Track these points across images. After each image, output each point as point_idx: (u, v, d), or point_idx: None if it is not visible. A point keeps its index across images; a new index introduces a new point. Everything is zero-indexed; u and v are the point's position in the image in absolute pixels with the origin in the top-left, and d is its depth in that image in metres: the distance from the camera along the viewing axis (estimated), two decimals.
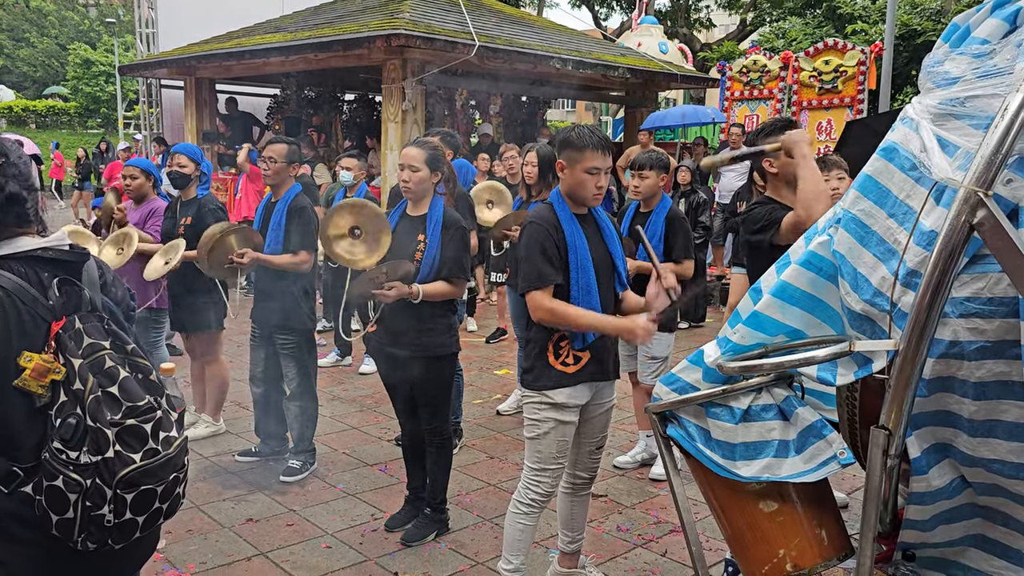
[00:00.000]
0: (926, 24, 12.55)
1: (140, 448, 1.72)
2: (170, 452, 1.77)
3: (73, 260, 1.85)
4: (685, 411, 2.13)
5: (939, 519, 1.87)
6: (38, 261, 1.80)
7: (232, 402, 5.56)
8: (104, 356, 1.75)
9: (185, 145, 5.17)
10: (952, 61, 1.76)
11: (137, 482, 1.71)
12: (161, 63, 13.24)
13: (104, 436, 1.68)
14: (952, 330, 1.67)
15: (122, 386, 1.73)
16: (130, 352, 1.81)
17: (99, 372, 1.73)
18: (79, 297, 1.80)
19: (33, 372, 1.69)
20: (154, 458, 1.74)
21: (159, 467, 1.75)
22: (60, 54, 40.26)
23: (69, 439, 1.68)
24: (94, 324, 1.78)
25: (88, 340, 1.74)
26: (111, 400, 1.72)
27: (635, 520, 4.00)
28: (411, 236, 3.58)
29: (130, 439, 1.71)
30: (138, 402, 1.74)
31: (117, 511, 1.70)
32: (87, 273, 1.86)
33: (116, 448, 1.68)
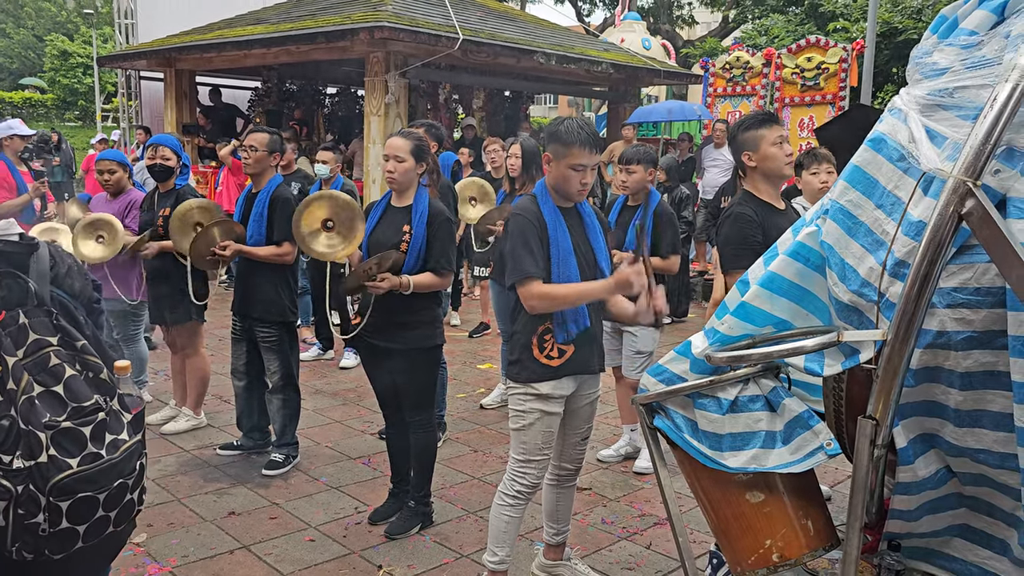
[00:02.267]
0: (907, 22, 12.64)
1: (78, 452, 1.62)
2: (115, 457, 1.67)
3: (17, 252, 1.75)
4: (672, 402, 2.13)
5: (925, 509, 1.88)
6: None
7: (213, 395, 5.51)
8: (49, 353, 1.66)
9: (167, 137, 5.11)
10: (940, 52, 1.77)
11: (73, 489, 1.61)
12: (141, 54, 13.09)
13: (37, 440, 1.59)
14: (939, 320, 1.67)
15: (67, 385, 1.65)
16: (80, 349, 1.72)
17: (43, 370, 1.64)
18: (23, 290, 1.70)
19: None
20: (94, 463, 1.63)
21: (99, 473, 1.64)
22: (37, 45, 39.71)
23: (2, 442, 1.58)
24: (40, 319, 1.69)
25: (33, 336, 1.66)
26: (54, 400, 1.63)
27: (619, 513, 4.00)
28: (396, 227, 3.56)
29: (66, 443, 1.61)
30: (84, 402, 1.65)
31: (52, 520, 1.60)
32: (36, 265, 1.77)
33: (50, 452, 1.59)
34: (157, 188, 4.90)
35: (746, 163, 3.30)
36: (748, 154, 3.27)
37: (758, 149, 3.24)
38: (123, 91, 15.97)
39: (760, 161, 3.26)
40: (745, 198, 3.33)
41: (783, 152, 3.27)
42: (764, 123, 3.25)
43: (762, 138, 3.23)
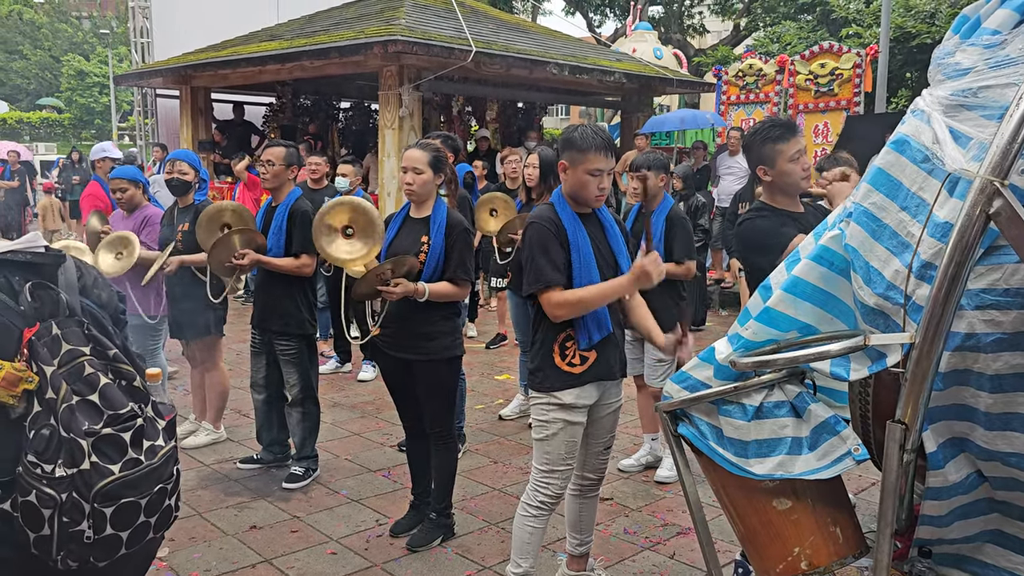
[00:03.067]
0: (921, 26, 12.58)
1: (119, 459, 1.63)
2: (154, 462, 1.69)
3: (46, 263, 1.77)
4: (696, 409, 2.11)
5: (956, 514, 1.85)
6: (7, 265, 1.73)
7: (233, 409, 5.53)
8: (83, 363, 1.67)
9: (185, 152, 5.15)
10: (963, 52, 1.75)
11: (117, 494, 1.62)
12: (156, 72, 13.23)
13: (79, 447, 1.59)
14: (968, 322, 1.66)
15: (103, 393, 1.66)
16: (112, 358, 1.73)
17: (78, 379, 1.65)
18: (55, 302, 1.73)
19: (3, 382, 1.61)
20: (135, 468, 1.65)
21: (141, 478, 1.66)
22: (54, 66, 40.27)
23: (43, 451, 1.60)
24: (73, 329, 1.70)
25: (67, 346, 1.67)
26: (91, 408, 1.63)
27: (642, 523, 3.98)
28: (415, 238, 3.57)
29: (107, 449, 1.62)
30: (120, 409, 1.66)
31: (97, 526, 1.60)
32: (64, 276, 1.79)
33: (92, 459, 1.60)
34: (177, 203, 4.93)
35: (761, 177, 3.19)
36: (764, 169, 3.14)
37: (775, 165, 3.10)
38: (139, 109, 16.15)
39: (776, 176, 3.12)
40: (760, 207, 3.25)
41: (800, 167, 3.11)
42: (781, 137, 3.09)
43: (779, 153, 3.09)
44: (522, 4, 26.44)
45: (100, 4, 51.41)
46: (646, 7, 22.12)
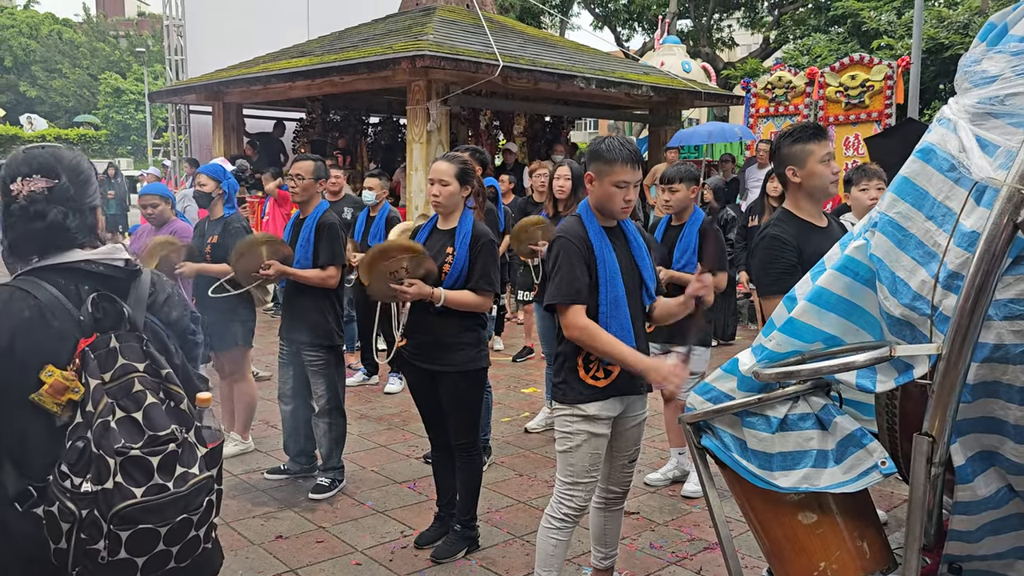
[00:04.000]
0: (954, 37, 12.45)
1: (144, 482, 1.59)
2: (181, 490, 1.63)
3: (119, 276, 1.78)
4: (720, 421, 2.10)
5: (986, 530, 1.81)
6: (80, 274, 1.74)
7: (260, 420, 5.57)
8: (134, 379, 1.66)
9: (208, 164, 5.26)
10: (990, 60, 1.73)
11: (134, 518, 1.57)
12: (190, 89, 13.46)
13: (106, 465, 1.57)
14: (996, 333, 1.63)
15: (146, 412, 1.64)
16: (164, 377, 1.72)
17: (126, 395, 1.64)
18: (118, 315, 1.72)
19: (50, 388, 1.61)
20: (158, 495, 1.60)
21: (163, 505, 1.60)
22: (91, 84, 41.14)
23: (75, 463, 1.59)
24: (131, 344, 1.70)
25: (121, 360, 1.67)
26: (132, 426, 1.62)
27: (668, 537, 3.94)
28: (440, 249, 3.59)
29: (134, 471, 1.59)
30: (160, 431, 1.63)
31: (111, 548, 1.57)
32: (136, 291, 1.79)
33: (117, 479, 1.57)
34: (207, 216, 5.02)
35: (790, 178, 3.12)
36: (793, 169, 3.09)
37: (804, 165, 3.06)
38: (173, 125, 16.44)
39: (805, 178, 3.08)
40: (783, 217, 3.17)
41: (830, 170, 3.09)
42: (813, 138, 3.06)
43: (810, 154, 3.05)
44: (550, 19, 26.56)
45: (137, 23, 52.50)
46: (674, 21, 22.11)
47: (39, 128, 34.49)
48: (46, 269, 1.73)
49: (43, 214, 1.72)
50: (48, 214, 1.72)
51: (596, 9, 26.28)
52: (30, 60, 42.37)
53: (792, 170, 3.09)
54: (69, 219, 1.74)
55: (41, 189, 1.73)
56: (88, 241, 1.78)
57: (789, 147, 3.10)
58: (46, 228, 1.72)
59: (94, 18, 50.13)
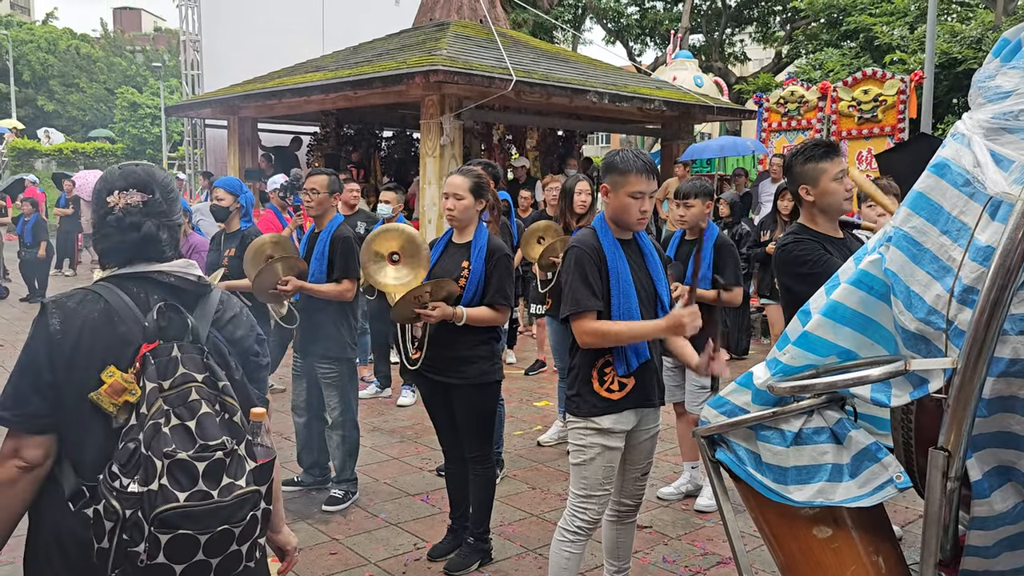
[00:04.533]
0: (967, 52, 12.43)
1: (188, 487, 1.60)
2: (225, 500, 1.62)
3: (189, 290, 1.85)
4: (734, 434, 2.10)
5: (1003, 545, 1.81)
6: (152, 283, 1.81)
7: (274, 432, 5.59)
8: (191, 388, 1.69)
9: (225, 179, 5.31)
10: (1004, 75, 1.74)
11: (174, 523, 1.58)
12: (206, 103, 13.59)
13: (153, 466, 1.59)
14: (1012, 348, 1.63)
15: (200, 422, 1.66)
16: (221, 389, 1.74)
17: (182, 403, 1.67)
18: (182, 325, 1.77)
19: (109, 388, 1.66)
20: (201, 502, 1.60)
21: (204, 513, 1.60)
22: (108, 98, 41.54)
23: (125, 464, 1.62)
24: (192, 356, 1.73)
25: (181, 370, 1.70)
26: (185, 434, 1.64)
27: (681, 552, 3.93)
28: (456, 263, 3.61)
29: (179, 475, 1.60)
30: (210, 441, 1.65)
31: (150, 552, 1.57)
32: (203, 305, 1.86)
33: (162, 481, 1.58)
34: (224, 229, 5.06)
35: (803, 197, 3.16)
36: (806, 188, 3.12)
37: (817, 184, 3.09)
38: (189, 139, 16.60)
39: (819, 196, 3.11)
40: (798, 231, 3.21)
41: (843, 187, 3.10)
42: (825, 156, 3.09)
43: (823, 172, 3.08)
44: (563, 34, 26.69)
45: (153, 39, 53.07)
46: (686, 36, 22.18)
47: (56, 142, 34.81)
48: (123, 276, 1.81)
49: (138, 226, 1.80)
50: (143, 226, 1.80)
51: (609, 24, 26.40)
52: (48, 75, 42.85)
53: (805, 189, 3.12)
54: (161, 232, 1.83)
55: (137, 202, 1.82)
56: (165, 257, 1.85)
57: (801, 166, 3.12)
58: (140, 239, 1.80)
59: (111, 33, 50.71)
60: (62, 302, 1.76)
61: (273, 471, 1.78)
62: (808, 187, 3.11)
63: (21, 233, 12.49)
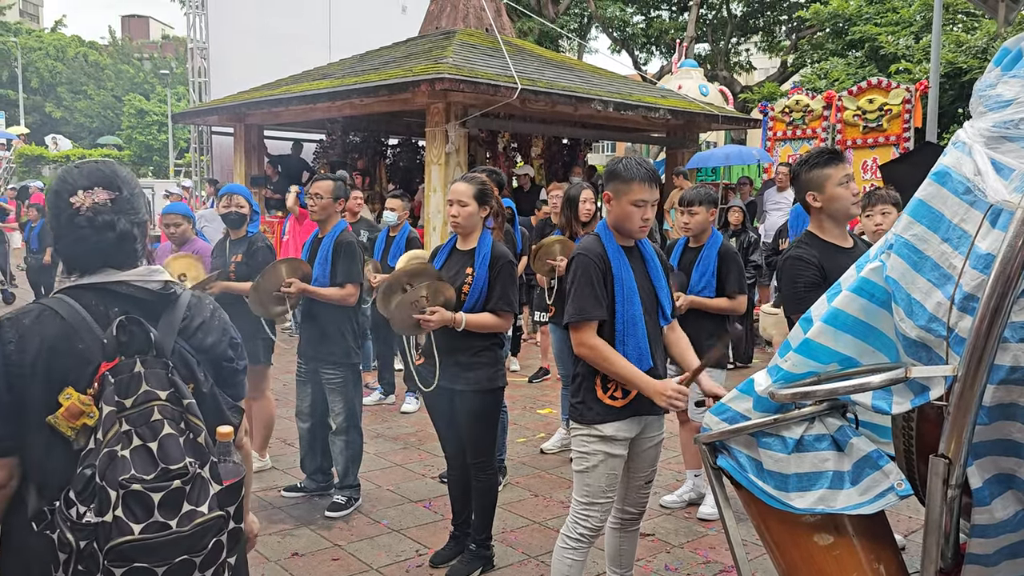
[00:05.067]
0: (972, 62, 12.43)
1: (143, 519, 1.51)
2: (183, 530, 1.54)
3: (151, 299, 1.74)
4: (736, 441, 2.10)
5: (1004, 553, 1.81)
6: (111, 295, 1.71)
7: (278, 438, 5.61)
8: (153, 407, 1.60)
9: (240, 186, 5.32)
10: (1005, 84, 1.75)
11: (129, 556, 1.49)
12: (212, 110, 13.65)
13: (107, 496, 1.51)
14: (1013, 355, 1.63)
15: (161, 443, 1.57)
16: (185, 407, 1.64)
17: (144, 423, 1.58)
18: (144, 339, 1.66)
19: (66, 412, 1.57)
20: (157, 533, 1.51)
21: (161, 545, 1.51)
22: (115, 105, 41.75)
23: (81, 491, 1.54)
24: (156, 371, 1.64)
25: (144, 387, 1.61)
26: (147, 456, 1.55)
27: (684, 560, 3.92)
28: (459, 269, 3.62)
29: (134, 506, 1.51)
30: (172, 464, 1.56)
31: None
32: (168, 315, 1.75)
33: (116, 512, 1.50)
34: (228, 235, 5.07)
35: (811, 203, 3.19)
36: (813, 194, 3.16)
37: (823, 190, 3.13)
38: (195, 146, 16.67)
39: (826, 202, 3.15)
40: (807, 239, 3.24)
41: (849, 192, 3.14)
42: (830, 162, 3.14)
43: (828, 178, 3.12)
44: (568, 43, 26.76)
45: (161, 46, 53.39)
46: (692, 45, 22.23)
47: (63, 148, 35.00)
48: (81, 288, 1.70)
49: (112, 224, 1.70)
50: (117, 224, 1.70)
51: (614, 33, 26.45)
52: (56, 82, 43.11)
53: (812, 195, 3.17)
54: (135, 229, 1.74)
55: (104, 201, 1.71)
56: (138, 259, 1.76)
57: (807, 173, 3.17)
58: (117, 238, 1.70)
59: (119, 41, 51.01)
60: (17, 320, 1.65)
61: (243, 489, 1.71)
62: (815, 193, 3.16)
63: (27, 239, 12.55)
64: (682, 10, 25.53)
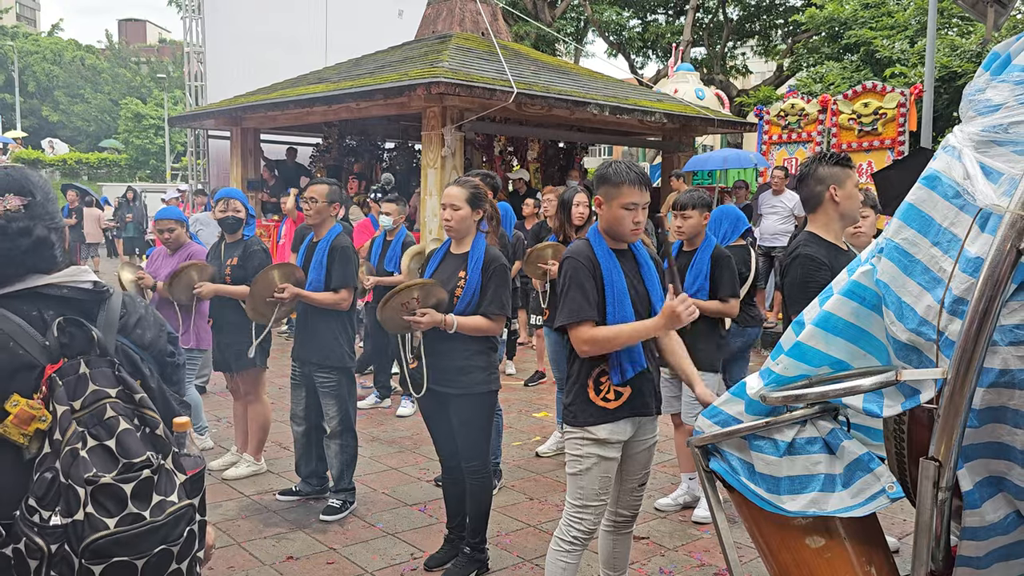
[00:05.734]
0: (967, 66, 12.47)
1: (117, 512, 1.48)
2: (158, 520, 1.52)
3: (86, 299, 1.69)
4: (728, 444, 2.10)
5: (995, 556, 1.81)
6: (42, 298, 1.66)
7: (273, 442, 5.60)
8: (106, 405, 1.56)
9: (237, 191, 5.33)
10: (994, 89, 1.76)
11: (108, 552, 1.46)
12: (209, 114, 13.66)
13: (75, 495, 1.47)
14: (1002, 358, 1.64)
15: (119, 440, 1.54)
16: (138, 402, 1.61)
17: (98, 422, 1.55)
18: (86, 339, 1.62)
19: (15, 419, 1.52)
20: (133, 525, 1.49)
21: (139, 536, 1.49)
22: (112, 109, 41.75)
23: (43, 496, 1.49)
24: (102, 370, 1.60)
25: (92, 387, 1.57)
26: (106, 454, 1.52)
27: (678, 563, 3.92)
28: (452, 273, 3.63)
29: (105, 501, 1.48)
30: (134, 458, 1.53)
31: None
32: (104, 314, 1.70)
33: (88, 510, 1.46)
34: (224, 238, 5.07)
35: (831, 196, 3.23)
36: (835, 187, 3.22)
37: (844, 185, 3.22)
38: (192, 150, 16.67)
39: (844, 199, 3.22)
40: (811, 239, 3.26)
41: (859, 197, 3.28)
42: (848, 163, 3.26)
43: (848, 176, 3.23)
44: (565, 47, 26.81)
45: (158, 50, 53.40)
46: (688, 49, 22.27)
47: (60, 152, 34.98)
48: (8, 297, 1.64)
49: (28, 231, 1.64)
50: (33, 230, 1.64)
51: (611, 37, 26.50)
52: (53, 85, 43.12)
53: (834, 188, 3.20)
54: (51, 235, 1.68)
55: (17, 207, 1.65)
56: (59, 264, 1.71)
57: (829, 167, 3.22)
58: (32, 245, 1.64)
59: (116, 45, 51.02)
60: None
61: (204, 481, 1.68)
62: (836, 187, 3.21)
63: None
64: (678, 14, 25.59)
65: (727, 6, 25.05)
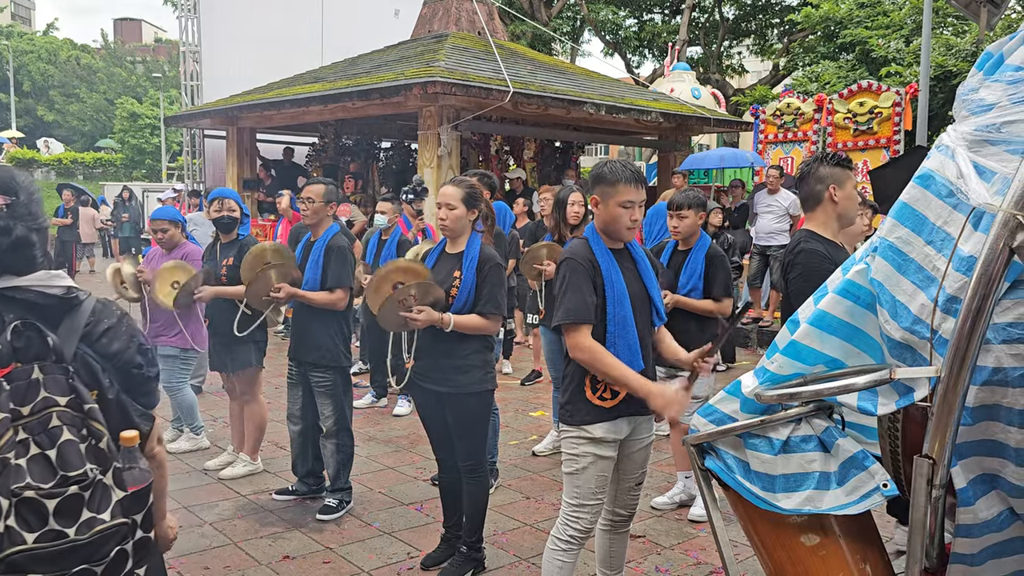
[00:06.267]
0: (962, 65, 12.50)
1: (38, 527, 1.46)
2: (82, 538, 1.49)
3: (50, 304, 1.68)
4: (723, 443, 2.11)
5: (988, 553, 1.82)
6: (7, 300, 1.64)
7: (269, 442, 5.60)
8: (52, 413, 1.55)
9: (231, 190, 5.32)
10: (987, 88, 1.77)
11: (23, 567, 1.45)
12: (205, 114, 13.64)
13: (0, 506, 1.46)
14: (995, 357, 1.65)
15: (60, 451, 1.52)
16: (87, 412, 1.59)
17: (43, 431, 1.53)
18: (41, 344, 1.61)
19: None
20: (53, 542, 1.47)
21: (59, 554, 1.47)
22: (108, 108, 41.68)
23: None
24: (55, 377, 1.58)
25: (43, 393, 1.56)
26: (45, 464, 1.51)
27: (674, 561, 3.93)
28: (448, 272, 3.63)
29: (28, 515, 1.46)
30: (71, 471, 1.51)
31: None
32: (70, 320, 1.69)
33: (8, 522, 1.45)
34: (219, 238, 5.07)
35: (831, 195, 3.24)
36: (835, 187, 3.23)
37: (844, 186, 3.23)
38: (188, 149, 16.64)
39: (843, 199, 3.24)
40: (810, 236, 3.27)
41: (857, 199, 3.29)
42: (848, 165, 3.27)
43: (848, 178, 3.25)
44: (561, 46, 26.81)
45: (154, 49, 53.31)
46: (684, 48, 22.28)
47: (55, 151, 34.90)
48: None
49: (8, 230, 1.64)
50: (13, 230, 1.64)
51: (607, 36, 26.51)
52: (48, 85, 43.02)
53: (834, 188, 3.22)
54: (32, 235, 1.67)
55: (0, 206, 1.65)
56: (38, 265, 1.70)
57: (830, 167, 3.22)
58: (12, 244, 1.64)
59: (112, 44, 50.91)
60: None
61: (149, 497, 1.66)
62: (836, 187, 3.22)
63: None
64: (674, 13, 25.62)
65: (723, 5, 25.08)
